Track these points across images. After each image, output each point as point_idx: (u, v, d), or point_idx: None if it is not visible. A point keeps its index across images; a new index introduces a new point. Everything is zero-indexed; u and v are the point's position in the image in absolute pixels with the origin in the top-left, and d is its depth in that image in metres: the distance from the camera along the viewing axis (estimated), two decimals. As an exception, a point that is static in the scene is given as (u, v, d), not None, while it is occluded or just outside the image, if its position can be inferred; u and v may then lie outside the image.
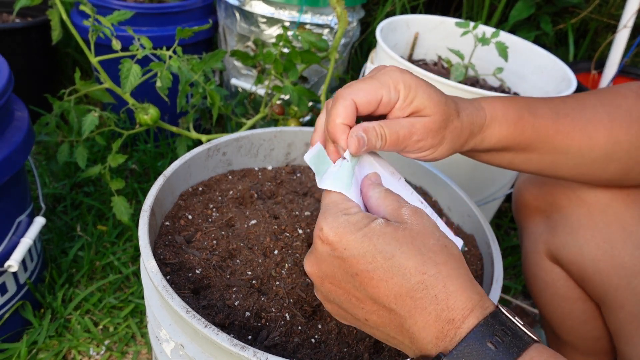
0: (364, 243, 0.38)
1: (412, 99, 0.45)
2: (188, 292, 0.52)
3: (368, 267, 0.37)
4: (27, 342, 0.85)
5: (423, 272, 0.37)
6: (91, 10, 0.82)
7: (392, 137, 0.45)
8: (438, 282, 0.36)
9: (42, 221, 0.85)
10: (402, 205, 0.41)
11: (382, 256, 0.37)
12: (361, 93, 0.43)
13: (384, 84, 0.44)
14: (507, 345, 0.35)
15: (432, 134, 0.46)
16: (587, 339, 0.70)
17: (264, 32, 1.30)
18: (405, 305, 0.37)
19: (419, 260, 0.37)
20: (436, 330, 0.36)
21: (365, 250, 0.38)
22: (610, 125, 0.52)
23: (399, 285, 0.37)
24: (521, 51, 1.13)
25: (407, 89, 0.44)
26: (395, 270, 0.37)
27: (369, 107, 0.44)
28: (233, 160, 0.73)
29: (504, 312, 0.37)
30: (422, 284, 0.36)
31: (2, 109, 0.72)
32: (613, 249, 0.60)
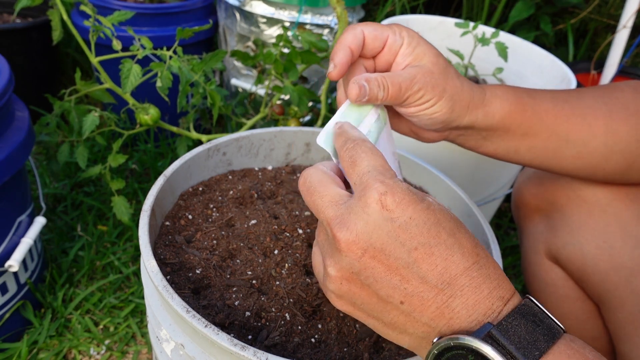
0: (430, 215, 0.36)
1: (415, 46, 0.47)
2: (188, 292, 0.52)
3: (431, 242, 0.35)
4: (28, 342, 0.85)
5: (477, 254, 0.37)
6: (92, 11, 0.82)
7: (394, 87, 0.46)
8: (489, 264, 0.37)
9: (43, 221, 0.85)
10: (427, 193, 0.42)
11: (446, 232, 0.36)
12: (370, 27, 0.47)
13: (390, 27, 0.48)
14: (549, 326, 0.35)
15: (432, 84, 0.47)
16: (587, 338, 0.70)
17: (264, 32, 1.30)
18: (457, 284, 0.35)
19: (473, 242, 0.37)
20: (485, 307, 0.35)
21: (431, 223, 0.36)
22: (609, 115, 0.53)
23: (457, 264, 0.35)
24: (521, 51, 1.13)
25: (410, 37, 0.47)
26: (457, 248, 0.36)
27: (375, 42, 0.47)
28: (233, 160, 0.73)
29: (535, 302, 0.37)
30: (477, 264, 0.36)
31: (3, 109, 0.73)
32: (612, 248, 0.60)
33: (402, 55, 0.48)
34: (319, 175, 0.40)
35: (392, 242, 0.35)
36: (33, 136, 0.80)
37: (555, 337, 0.35)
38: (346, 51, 0.45)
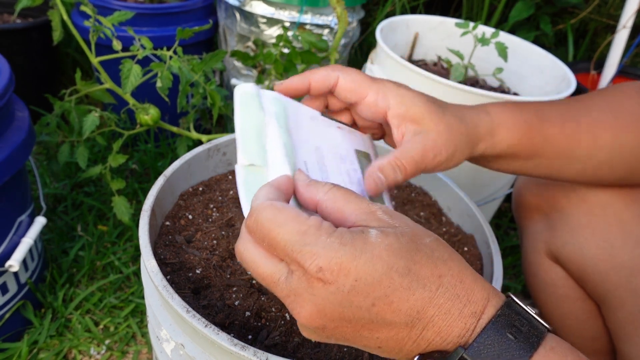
0: (376, 265, 0.33)
1: (407, 105, 0.45)
2: (188, 291, 0.52)
3: (387, 292, 0.33)
4: (28, 342, 0.85)
5: (439, 275, 0.34)
6: (92, 11, 0.82)
7: (411, 165, 0.44)
8: (454, 280, 0.34)
9: (43, 221, 0.85)
10: (370, 205, 0.36)
11: (399, 274, 0.33)
12: (348, 78, 0.44)
13: (372, 86, 0.45)
14: (526, 335, 0.34)
15: (443, 145, 0.45)
16: (587, 338, 0.70)
17: (264, 32, 1.30)
18: (426, 316, 0.34)
19: (431, 265, 0.34)
20: (459, 328, 0.34)
21: (380, 274, 0.33)
22: (616, 126, 0.53)
23: (421, 299, 0.33)
24: (521, 51, 1.13)
25: (398, 96, 0.45)
26: (415, 284, 0.33)
27: (349, 95, 0.45)
28: (233, 160, 0.73)
29: (516, 301, 0.36)
30: (441, 288, 0.34)
31: (3, 109, 0.73)
32: (613, 248, 0.60)
33: (394, 117, 0.45)
34: (250, 253, 0.36)
35: (348, 309, 0.33)
36: (33, 136, 0.80)
37: (533, 347, 0.33)
38: (304, 82, 0.44)
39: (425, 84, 0.90)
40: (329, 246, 0.32)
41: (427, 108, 0.45)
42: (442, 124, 0.45)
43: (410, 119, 0.45)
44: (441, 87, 0.89)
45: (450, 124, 0.46)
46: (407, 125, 0.45)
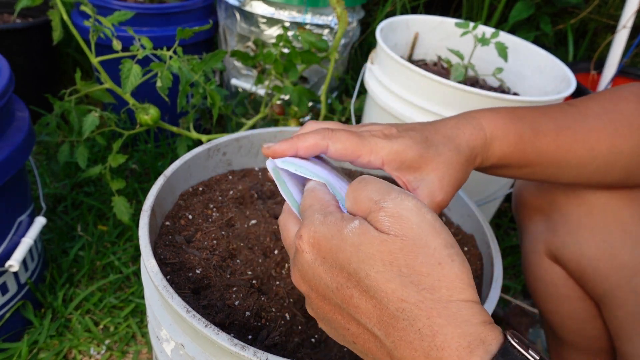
0: (339, 255, 0.33)
1: (402, 161, 0.45)
2: (188, 291, 0.52)
3: (347, 284, 0.33)
4: (28, 342, 0.85)
5: (402, 299, 0.31)
6: (92, 11, 0.82)
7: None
8: (421, 313, 0.30)
9: (43, 221, 0.85)
10: (380, 207, 0.34)
11: (357, 276, 0.32)
12: (339, 145, 0.44)
13: (364, 146, 0.44)
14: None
15: (448, 183, 0.46)
16: (587, 338, 0.70)
17: (264, 32, 1.30)
18: (389, 335, 0.31)
19: (397, 284, 0.31)
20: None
21: (340, 264, 0.33)
22: (613, 134, 0.52)
23: (379, 310, 0.32)
24: (521, 51, 1.13)
25: (391, 152, 0.44)
26: (372, 292, 0.31)
27: (341, 158, 0.45)
28: (233, 160, 0.73)
29: (515, 346, 0.29)
30: (402, 313, 0.31)
31: (3, 109, 0.73)
32: (612, 248, 0.60)
33: (392, 171, 0.45)
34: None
35: (320, 282, 0.35)
36: (33, 136, 0.80)
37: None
38: (291, 151, 0.44)
39: (425, 84, 0.90)
40: (315, 222, 0.35)
41: (421, 155, 0.45)
42: (441, 164, 0.46)
43: (406, 168, 0.45)
44: (441, 87, 0.89)
45: (449, 161, 0.46)
46: (405, 176, 0.46)
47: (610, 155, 0.53)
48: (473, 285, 0.32)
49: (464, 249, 0.65)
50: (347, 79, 1.53)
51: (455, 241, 0.33)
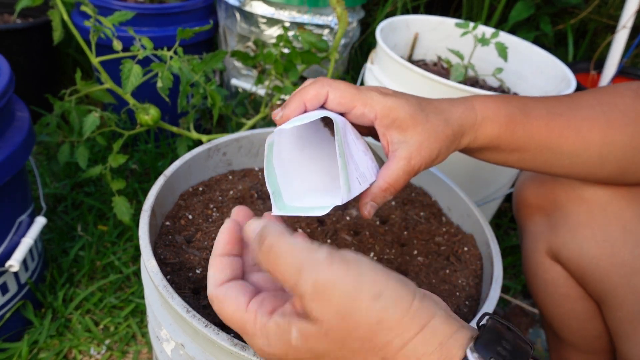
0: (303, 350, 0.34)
1: (392, 118, 0.46)
2: (188, 291, 0.52)
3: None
4: (28, 342, 0.85)
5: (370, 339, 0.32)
6: (92, 11, 0.82)
7: (398, 182, 0.47)
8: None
9: (43, 221, 0.85)
10: (299, 295, 0.33)
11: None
12: (337, 92, 0.46)
13: (360, 97, 0.46)
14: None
15: (426, 149, 0.47)
16: (587, 337, 0.70)
17: (264, 32, 1.30)
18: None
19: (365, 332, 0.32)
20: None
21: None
22: (606, 125, 0.52)
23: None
24: (521, 51, 1.13)
25: (385, 108, 0.46)
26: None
27: (338, 107, 0.47)
28: (233, 160, 0.73)
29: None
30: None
31: (3, 109, 0.73)
32: (613, 247, 0.60)
33: (380, 126, 0.47)
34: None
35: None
36: (33, 136, 0.80)
37: None
38: (300, 106, 0.46)
39: (425, 84, 0.90)
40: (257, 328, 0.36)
41: (412, 115, 0.47)
42: (426, 131, 0.47)
43: (395, 127, 0.47)
44: (441, 87, 0.89)
45: (434, 129, 0.48)
46: (392, 134, 0.47)
47: (604, 146, 0.53)
48: (417, 308, 0.32)
49: (463, 249, 0.65)
50: (347, 79, 1.53)
51: (382, 278, 0.32)
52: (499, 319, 0.35)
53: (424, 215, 0.70)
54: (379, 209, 0.70)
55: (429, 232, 0.67)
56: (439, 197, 0.74)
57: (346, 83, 0.47)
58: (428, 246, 0.65)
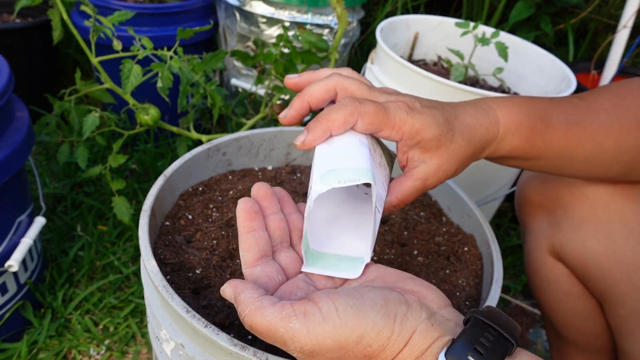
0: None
1: (418, 140, 0.45)
2: (188, 292, 0.52)
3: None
4: (28, 342, 0.85)
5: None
6: (92, 11, 0.82)
7: (410, 198, 0.47)
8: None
9: (43, 221, 0.85)
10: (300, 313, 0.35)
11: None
12: (367, 120, 0.43)
13: (388, 122, 0.44)
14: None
15: (445, 170, 0.47)
16: (589, 335, 0.70)
17: (264, 32, 1.30)
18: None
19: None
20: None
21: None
22: (619, 131, 0.52)
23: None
24: (521, 51, 1.13)
25: (413, 130, 0.44)
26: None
27: (365, 131, 0.44)
28: (233, 160, 0.73)
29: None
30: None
31: (3, 109, 0.73)
32: (615, 245, 0.60)
33: (404, 146, 0.46)
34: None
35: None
36: (33, 136, 0.80)
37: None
38: (324, 134, 0.43)
39: (425, 83, 0.90)
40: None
41: (437, 137, 0.45)
42: (448, 152, 0.46)
43: (419, 147, 0.45)
44: (441, 87, 0.88)
45: (457, 150, 0.46)
46: (413, 153, 0.46)
47: (616, 150, 0.53)
48: (398, 332, 0.35)
49: (464, 249, 0.65)
50: (347, 79, 1.52)
51: (360, 317, 0.35)
52: (482, 317, 0.37)
53: (424, 215, 0.70)
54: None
55: (429, 232, 0.67)
56: (439, 197, 0.73)
57: (374, 104, 0.43)
58: (428, 246, 0.65)
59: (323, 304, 0.35)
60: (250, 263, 0.41)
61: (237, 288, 0.38)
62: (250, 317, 0.36)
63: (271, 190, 0.47)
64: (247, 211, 0.43)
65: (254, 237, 0.42)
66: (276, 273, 0.41)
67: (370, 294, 0.36)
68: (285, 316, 0.35)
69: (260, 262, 0.41)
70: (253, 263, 0.41)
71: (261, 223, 0.44)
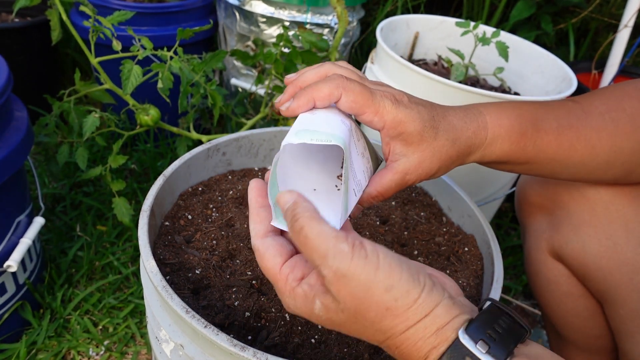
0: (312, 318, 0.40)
1: (400, 131, 0.45)
2: (188, 292, 0.52)
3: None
4: (27, 343, 0.85)
5: (374, 340, 0.38)
6: (91, 11, 0.81)
7: (389, 192, 0.47)
8: (390, 344, 0.38)
9: (42, 221, 0.85)
10: (322, 276, 0.37)
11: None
12: (349, 97, 0.44)
13: (371, 103, 0.44)
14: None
15: (425, 167, 0.47)
16: (589, 336, 0.70)
17: (264, 31, 1.30)
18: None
19: (366, 334, 0.38)
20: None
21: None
22: (614, 133, 0.52)
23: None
24: (522, 51, 1.12)
25: (395, 120, 0.45)
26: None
27: (346, 110, 0.45)
28: (233, 160, 0.73)
29: (462, 343, 0.36)
30: (381, 343, 0.38)
31: (2, 109, 0.72)
32: (615, 245, 0.60)
33: (386, 136, 0.46)
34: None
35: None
36: (32, 136, 0.80)
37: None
38: (309, 103, 0.44)
39: (425, 83, 0.90)
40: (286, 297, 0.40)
41: (419, 132, 0.45)
42: (430, 149, 0.46)
43: (400, 140, 0.46)
44: (442, 86, 0.88)
45: (439, 149, 0.47)
46: (395, 145, 0.46)
47: (611, 153, 0.53)
48: (424, 299, 0.36)
49: (464, 249, 0.64)
50: (347, 79, 1.52)
51: (396, 271, 0.36)
52: (499, 304, 0.39)
53: (424, 216, 0.70)
54: (379, 209, 0.70)
55: (429, 232, 0.67)
56: (439, 197, 0.73)
57: (361, 85, 0.44)
58: (428, 246, 0.65)
59: (368, 246, 0.36)
60: (262, 235, 0.42)
61: (299, 197, 0.38)
62: (307, 220, 0.36)
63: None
64: (259, 188, 0.44)
65: (266, 211, 0.43)
66: (287, 242, 0.42)
67: (406, 259, 0.38)
68: (337, 236, 0.35)
69: (270, 234, 0.42)
70: (264, 235, 0.42)
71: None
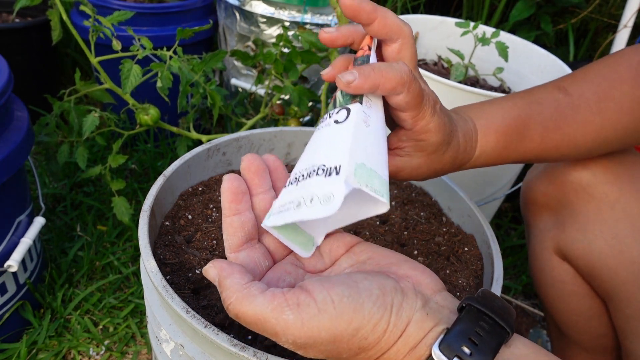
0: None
1: (427, 140, 0.45)
2: (188, 292, 0.52)
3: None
4: (27, 342, 0.85)
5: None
6: (91, 11, 0.81)
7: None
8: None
9: (42, 221, 0.85)
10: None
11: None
12: (408, 97, 0.40)
13: (420, 108, 0.42)
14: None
15: (417, 175, 0.48)
16: (593, 335, 0.70)
17: (264, 32, 1.30)
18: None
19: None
20: None
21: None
22: (601, 125, 0.53)
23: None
24: (521, 51, 1.13)
25: (424, 128, 0.44)
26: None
27: (394, 104, 0.41)
28: (233, 160, 0.73)
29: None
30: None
31: (2, 109, 0.72)
32: (621, 244, 0.60)
33: (405, 135, 0.46)
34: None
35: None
36: (32, 136, 0.80)
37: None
38: (373, 87, 0.39)
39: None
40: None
41: (437, 144, 0.46)
42: (433, 160, 0.47)
43: (416, 143, 0.46)
44: (441, 86, 0.88)
45: (440, 162, 0.48)
46: (409, 145, 0.46)
47: (594, 144, 0.54)
48: (394, 324, 0.34)
49: (464, 249, 0.65)
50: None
51: (357, 309, 0.33)
52: (477, 304, 0.36)
53: (424, 215, 0.70)
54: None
55: (429, 232, 0.67)
56: (439, 197, 0.73)
57: (420, 87, 0.41)
58: (428, 246, 0.65)
59: (318, 294, 0.33)
60: (235, 248, 0.39)
61: (222, 271, 0.35)
62: (237, 305, 0.33)
63: (263, 165, 0.42)
64: (234, 192, 0.40)
65: (240, 220, 0.39)
66: (263, 258, 0.39)
67: (365, 283, 0.34)
68: (277, 306, 0.32)
69: (245, 247, 0.39)
70: (238, 248, 0.39)
71: (248, 204, 0.40)
